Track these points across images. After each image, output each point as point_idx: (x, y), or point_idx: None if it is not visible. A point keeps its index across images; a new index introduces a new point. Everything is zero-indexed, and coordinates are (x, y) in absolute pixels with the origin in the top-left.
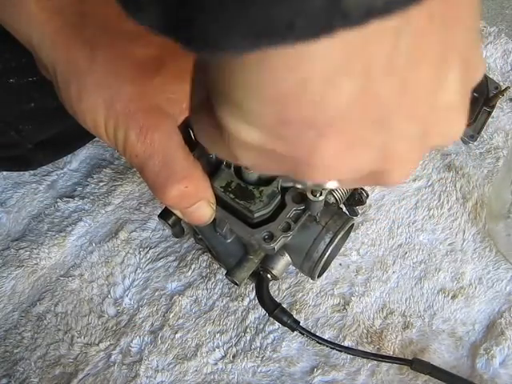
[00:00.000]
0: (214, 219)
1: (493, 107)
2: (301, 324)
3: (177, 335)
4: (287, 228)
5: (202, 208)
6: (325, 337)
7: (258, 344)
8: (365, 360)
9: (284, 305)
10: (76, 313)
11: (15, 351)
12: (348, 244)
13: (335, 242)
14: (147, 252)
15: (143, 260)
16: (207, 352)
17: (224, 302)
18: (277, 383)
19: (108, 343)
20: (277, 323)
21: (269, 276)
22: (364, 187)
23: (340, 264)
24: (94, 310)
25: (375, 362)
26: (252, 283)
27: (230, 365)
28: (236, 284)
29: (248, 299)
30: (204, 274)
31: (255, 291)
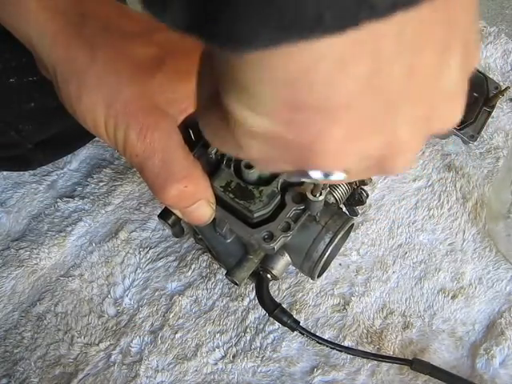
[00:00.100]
0: (214, 219)
1: (493, 107)
2: (301, 324)
3: (177, 335)
4: (287, 228)
5: (202, 208)
6: (325, 337)
7: (258, 344)
8: (365, 360)
9: (284, 305)
10: (76, 313)
11: (15, 351)
12: (348, 244)
13: (335, 242)
14: (147, 252)
15: (143, 260)
16: (207, 352)
17: (224, 302)
18: (277, 383)
19: (108, 343)
20: (277, 323)
21: (269, 276)
22: (364, 187)
23: (340, 264)
24: (94, 310)
25: (375, 362)
26: (252, 283)
27: (230, 365)
28: (236, 284)
29: (248, 299)
30: (204, 274)
31: (255, 291)
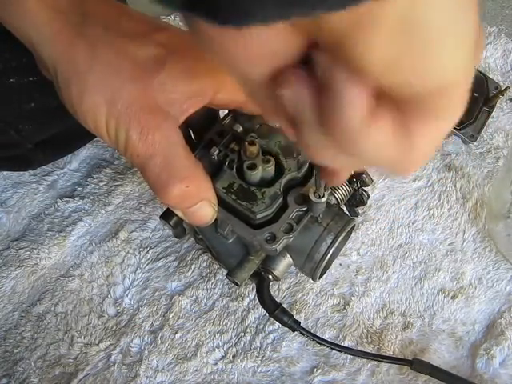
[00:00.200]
0: (215, 220)
1: (493, 107)
2: (301, 324)
3: (177, 335)
4: (289, 229)
5: (204, 208)
6: (325, 337)
7: (258, 344)
8: (365, 360)
9: (284, 305)
10: (76, 313)
11: (15, 351)
12: (348, 244)
13: (337, 243)
14: (147, 252)
15: (143, 260)
16: (207, 352)
17: (224, 302)
18: (277, 383)
19: (108, 343)
20: (277, 323)
21: (270, 277)
22: (364, 187)
23: (340, 264)
24: (94, 310)
25: (375, 362)
26: (252, 283)
27: (230, 365)
28: (237, 284)
29: (248, 299)
30: (204, 274)
31: (256, 291)
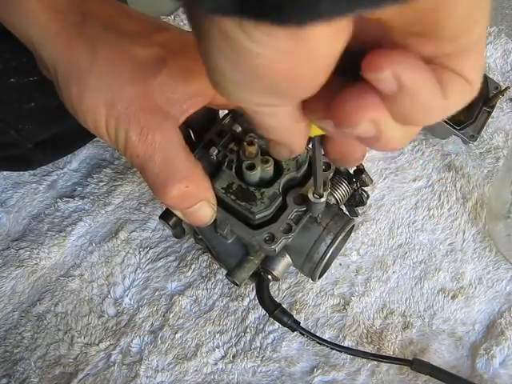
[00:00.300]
0: (215, 220)
1: (493, 107)
2: (301, 324)
3: (177, 335)
4: (288, 229)
5: (203, 208)
6: (325, 337)
7: (258, 344)
8: (365, 360)
9: (284, 305)
10: (76, 313)
11: (15, 351)
12: (348, 244)
13: (336, 244)
14: (147, 252)
15: (143, 260)
16: (207, 352)
17: (224, 302)
18: (277, 383)
19: (108, 343)
20: (277, 323)
21: (269, 277)
22: (364, 187)
23: (340, 264)
24: (94, 310)
25: (375, 362)
26: (252, 283)
27: (230, 365)
28: (236, 284)
29: (248, 299)
30: (204, 274)
31: (255, 291)
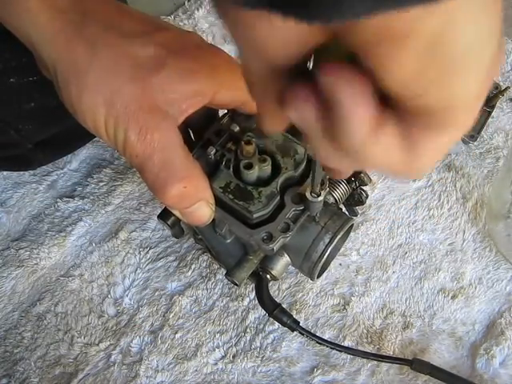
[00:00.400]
0: (214, 220)
1: (493, 107)
2: (301, 324)
3: (177, 335)
4: (286, 228)
5: (201, 208)
6: (325, 337)
7: (258, 344)
8: (365, 360)
9: (284, 305)
10: (76, 313)
11: (15, 351)
12: (348, 244)
13: (334, 243)
14: (147, 252)
15: (143, 260)
16: (207, 352)
17: (224, 302)
18: (277, 383)
19: (108, 343)
20: (277, 323)
21: (268, 276)
22: (364, 187)
23: (340, 264)
24: (94, 310)
25: (375, 362)
26: (252, 283)
27: (230, 365)
28: (236, 284)
29: (248, 299)
30: (204, 274)
31: (255, 291)
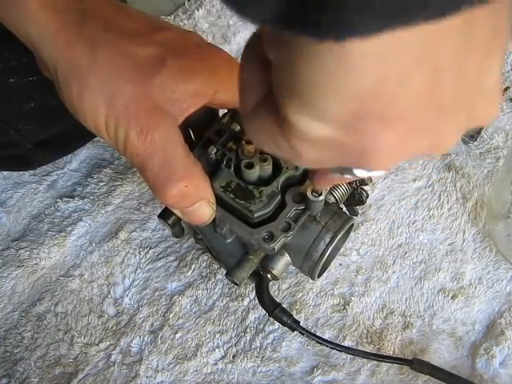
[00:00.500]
0: (214, 219)
1: None
2: (301, 324)
3: (177, 335)
4: (287, 228)
5: (202, 208)
6: (325, 337)
7: (258, 344)
8: (365, 360)
9: (284, 305)
10: (76, 313)
11: (15, 351)
12: (348, 244)
13: (335, 242)
14: (147, 252)
15: (143, 260)
16: (207, 352)
17: (224, 302)
18: (277, 383)
19: (108, 343)
20: (277, 323)
21: (269, 276)
22: (364, 187)
23: (340, 264)
24: (94, 310)
25: (375, 362)
26: (252, 283)
27: (230, 365)
28: (236, 284)
29: (248, 299)
30: (204, 274)
31: (255, 291)
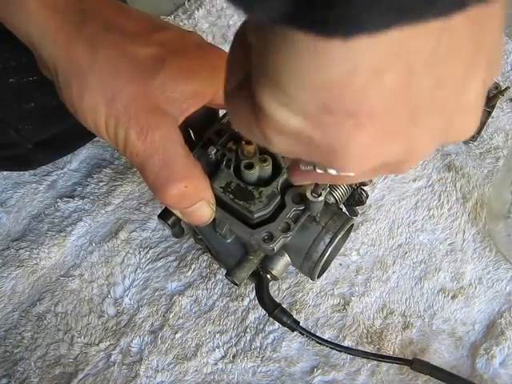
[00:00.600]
0: (214, 219)
1: (493, 107)
2: (301, 324)
3: (177, 335)
4: (287, 228)
5: (202, 208)
6: (325, 337)
7: (258, 344)
8: (365, 360)
9: (284, 305)
10: (76, 313)
11: (15, 351)
12: (348, 244)
13: (335, 243)
14: (147, 252)
15: (143, 260)
16: (207, 352)
17: (224, 302)
18: (277, 383)
19: (108, 343)
20: (277, 323)
21: (268, 276)
22: (364, 187)
23: (340, 264)
24: (94, 310)
25: (375, 362)
26: (252, 283)
27: (230, 365)
28: (236, 284)
29: (248, 299)
30: (204, 274)
31: (255, 291)
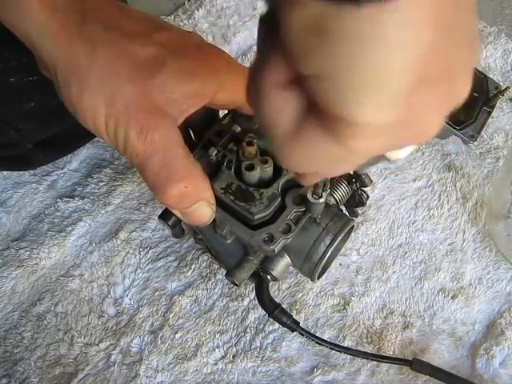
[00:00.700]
0: (214, 220)
1: (493, 107)
2: (301, 324)
3: (177, 335)
4: (287, 230)
5: (202, 208)
6: (325, 337)
7: (258, 344)
8: (365, 360)
9: (284, 305)
10: (76, 313)
11: (15, 351)
12: (348, 244)
13: (335, 244)
14: (147, 252)
15: (143, 260)
16: (207, 352)
17: (224, 302)
18: (277, 383)
19: (108, 343)
20: (277, 323)
21: (269, 277)
22: (363, 188)
23: (340, 264)
24: (94, 310)
25: (375, 362)
26: (252, 283)
27: (230, 365)
28: (236, 285)
29: (248, 299)
30: (204, 274)
31: (255, 292)
